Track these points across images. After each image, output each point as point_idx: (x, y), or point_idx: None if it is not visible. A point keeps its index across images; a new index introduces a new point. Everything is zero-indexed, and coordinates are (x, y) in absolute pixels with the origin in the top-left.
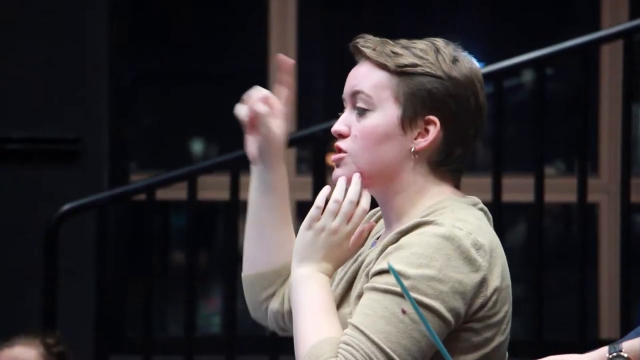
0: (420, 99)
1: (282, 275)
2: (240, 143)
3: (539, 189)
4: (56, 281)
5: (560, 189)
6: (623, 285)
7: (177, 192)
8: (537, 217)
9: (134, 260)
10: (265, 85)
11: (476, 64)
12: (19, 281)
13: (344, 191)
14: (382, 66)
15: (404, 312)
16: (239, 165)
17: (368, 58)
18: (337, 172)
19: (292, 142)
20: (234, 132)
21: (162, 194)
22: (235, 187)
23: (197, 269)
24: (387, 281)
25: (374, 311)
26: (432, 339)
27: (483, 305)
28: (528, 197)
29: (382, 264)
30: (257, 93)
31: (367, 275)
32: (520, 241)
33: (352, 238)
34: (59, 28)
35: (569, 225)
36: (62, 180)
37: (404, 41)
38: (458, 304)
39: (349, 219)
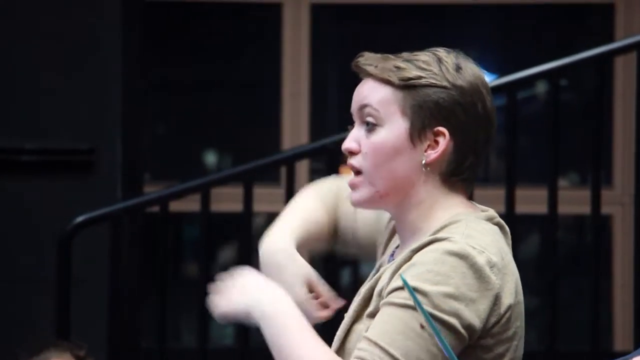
0: (428, 111)
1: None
2: (253, 155)
3: (553, 201)
4: (69, 292)
5: (574, 201)
6: (637, 296)
7: (191, 204)
8: (550, 228)
9: (148, 272)
10: (278, 95)
11: (479, 69)
12: (33, 292)
13: None
14: (386, 82)
15: (422, 327)
16: (252, 177)
17: (371, 75)
18: (354, 196)
19: (305, 154)
20: (248, 143)
21: (175, 206)
22: (249, 199)
23: (210, 281)
24: (405, 296)
25: (392, 326)
26: (445, 350)
27: (497, 323)
28: (541, 208)
29: (398, 281)
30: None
31: (379, 294)
32: (534, 253)
33: None
34: (72, 39)
35: (583, 237)
36: (75, 192)
37: (405, 54)
38: (474, 321)
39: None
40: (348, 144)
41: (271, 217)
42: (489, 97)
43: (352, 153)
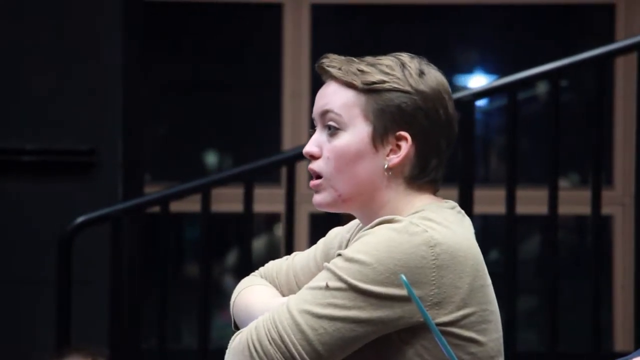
0: (390, 115)
1: None
2: (253, 155)
3: (553, 201)
4: (70, 293)
5: (575, 201)
6: (637, 297)
7: (191, 204)
8: (551, 229)
9: (148, 272)
10: (278, 95)
11: (442, 75)
12: (34, 293)
13: None
14: (350, 85)
15: (327, 286)
16: (253, 178)
17: (335, 78)
18: (316, 198)
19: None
20: (248, 144)
21: (176, 206)
22: (249, 199)
23: (211, 281)
24: (332, 261)
25: (306, 285)
26: (443, 348)
27: (449, 306)
28: (542, 209)
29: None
30: None
31: None
32: (534, 253)
33: None
34: (74, 40)
35: (583, 237)
36: (76, 192)
37: (369, 58)
38: (386, 292)
39: None
40: (309, 148)
41: (271, 218)
42: (451, 103)
43: (314, 157)
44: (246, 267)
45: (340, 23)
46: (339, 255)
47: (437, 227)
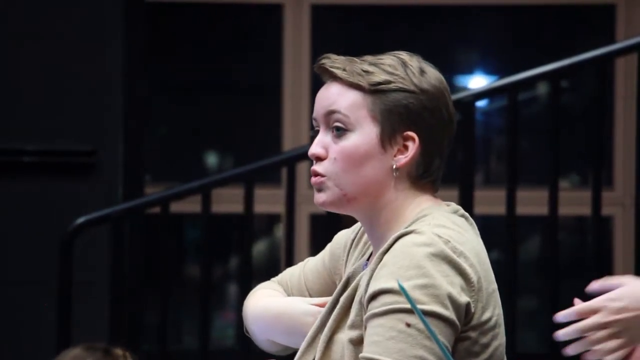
0: (397, 115)
1: None
2: (254, 155)
3: (554, 202)
4: (71, 294)
5: (575, 202)
6: None
7: (192, 205)
8: (551, 230)
9: (149, 273)
10: (279, 96)
11: (439, 73)
12: (34, 294)
13: None
14: (356, 86)
15: (408, 325)
16: (253, 178)
17: (339, 79)
18: (319, 197)
19: (306, 154)
20: (248, 144)
21: (176, 207)
22: (250, 200)
23: (211, 282)
24: (384, 302)
25: (381, 336)
26: (437, 344)
27: (476, 311)
28: (542, 210)
29: (372, 288)
30: None
31: (360, 302)
32: (535, 254)
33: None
34: (75, 41)
35: (584, 238)
36: (77, 193)
37: (369, 57)
38: (456, 303)
39: None
40: (314, 149)
41: (272, 219)
42: (450, 101)
43: (319, 159)
44: (246, 267)
45: (340, 23)
46: (385, 292)
47: (451, 233)
